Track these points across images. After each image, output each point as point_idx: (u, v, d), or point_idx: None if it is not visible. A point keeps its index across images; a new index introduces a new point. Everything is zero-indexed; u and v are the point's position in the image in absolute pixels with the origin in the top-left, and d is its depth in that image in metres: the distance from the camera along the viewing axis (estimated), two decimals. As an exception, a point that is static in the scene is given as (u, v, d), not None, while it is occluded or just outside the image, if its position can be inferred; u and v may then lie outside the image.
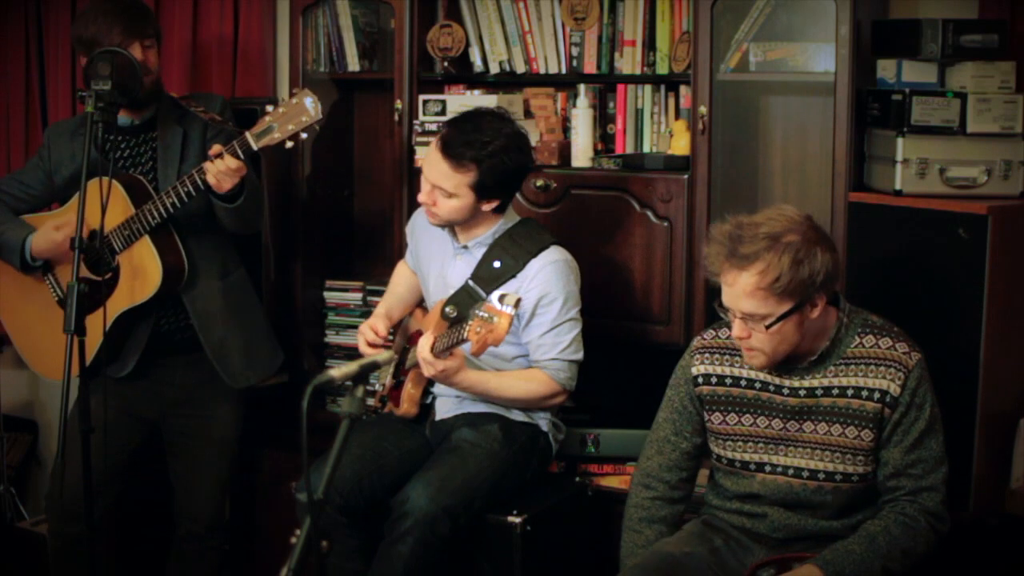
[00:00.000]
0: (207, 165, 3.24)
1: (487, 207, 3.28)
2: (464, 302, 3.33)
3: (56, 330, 3.14)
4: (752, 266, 2.68)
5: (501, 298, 2.98)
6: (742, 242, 2.69)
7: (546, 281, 3.28)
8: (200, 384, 3.57)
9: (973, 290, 3.06)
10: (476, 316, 3.01)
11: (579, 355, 3.32)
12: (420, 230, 3.54)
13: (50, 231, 3.45)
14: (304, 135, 3.23)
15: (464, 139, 3.19)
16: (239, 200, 3.34)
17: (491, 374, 3.27)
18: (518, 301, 2.99)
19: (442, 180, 3.22)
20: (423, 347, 3.14)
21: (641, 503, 3.05)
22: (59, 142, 3.55)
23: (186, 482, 3.66)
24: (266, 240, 4.06)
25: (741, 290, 2.70)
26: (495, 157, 3.19)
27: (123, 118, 3.49)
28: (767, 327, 2.71)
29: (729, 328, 2.95)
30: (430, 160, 3.25)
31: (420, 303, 3.63)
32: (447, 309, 3.34)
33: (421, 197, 3.30)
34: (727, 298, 2.75)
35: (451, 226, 3.35)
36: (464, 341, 3.10)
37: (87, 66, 3.20)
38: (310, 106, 3.21)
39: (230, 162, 3.22)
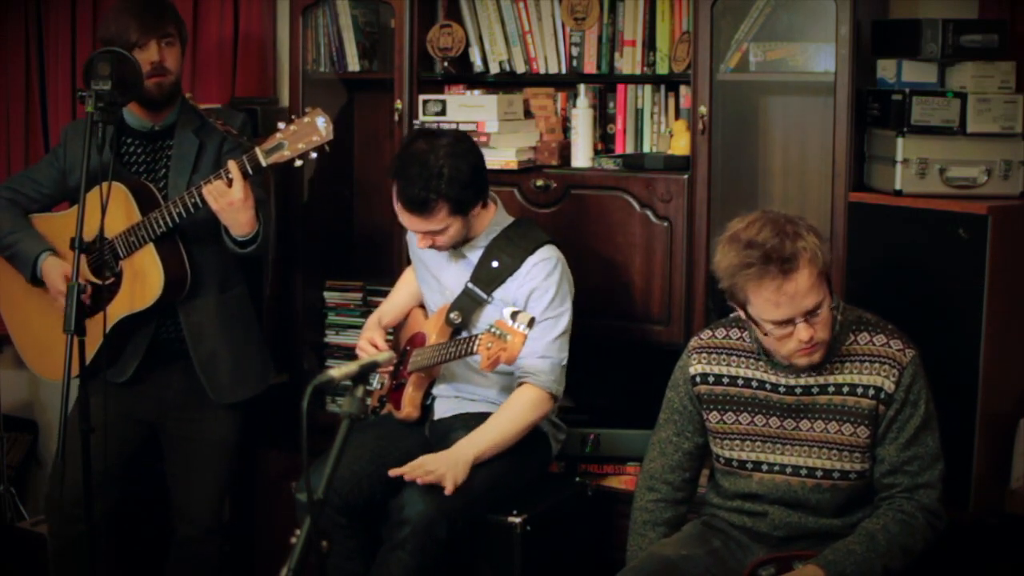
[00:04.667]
0: (208, 184, 3.25)
1: (476, 212, 3.29)
2: (467, 307, 3.33)
3: (55, 330, 3.14)
4: (800, 261, 2.66)
5: (513, 315, 2.98)
6: (779, 249, 2.66)
7: (538, 276, 3.28)
8: (199, 388, 3.55)
9: (973, 290, 3.06)
10: (487, 331, 3.03)
11: (563, 355, 3.30)
12: (412, 237, 3.54)
13: (60, 279, 3.41)
14: (314, 154, 3.25)
15: (419, 185, 3.16)
16: (250, 248, 3.38)
17: (490, 429, 3.23)
18: (531, 320, 3.00)
19: (427, 228, 3.23)
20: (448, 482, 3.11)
21: (646, 506, 3.05)
22: (76, 141, 3.53)
23: (183, 485, 3.65)
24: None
25: (801, 289, 2.67)
26: (452, 178, 3.17)
27: (143, 122, 3.50)
28: (822, 314, 2.71)
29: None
30: (405, 220, 3.25)
31: (419, 304, 3.63)
32: (452, 315, 3.34)
33: (420, 245, 3.30)
34: (785, 310, 2.69)
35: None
36: (472, 354, 3.13)
37: (86, 66, 3.20)
38: (321, 126, 3.23)
39: (233, 193, 3.23)
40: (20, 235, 3.53)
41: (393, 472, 3.14)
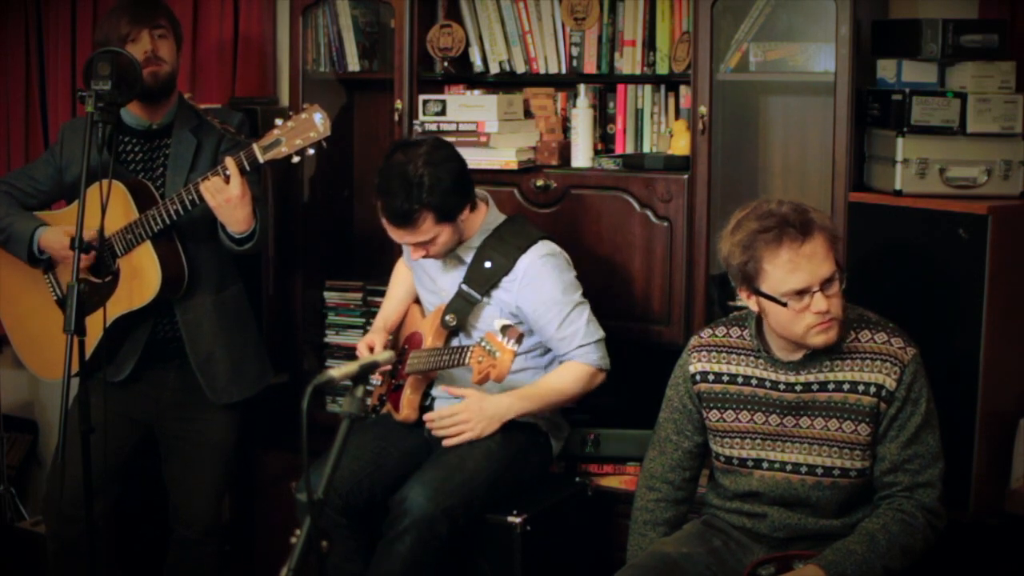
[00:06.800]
0: (205, 180, 3.25)
1: (464, 216, 3.28)
2: (462, 308, 3.33)
3: (53, 330, 3.14)
4: (815, 227, 2.73)
5: (504, 329, 3.02)
6: (795, 215, 2.73)
7: (537, 277, 3.28)
8: (195, 388, 3.55)
9: (973, 290, 3.06)
10: (478, 344, 3.05)
11: (600, 333, 3.33)
12: None
13: (60, 233, 3.44)
14: (311, 151, 3.25)
15: (400, 198, 3.17)
16: (247, 245, 3.38)
17: (536, 394, 3.30)
18: (520, 336, 3.04)
19: (415, 239, 3.24)
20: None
21: (646, 506, 3.05)
22: (73, 139, 3.54)
23: (180, 486, 3.65)
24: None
25: (819, 253, 2.72)
26: (432, 186, 3.17)
27: (140, 120, 3.50)
28: (836, 287, 2.75)
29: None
30: (393, 234, 3.27)
31: (416, 300, 3.63)
32: (447, 318, 3.34)
33: (413, 256, 3.31)
34: (803, 275, 2.72)
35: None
36: (464, 365, 3.16)
37: (87, 66, 3.20)
38: (319, 122, 3.23)
39: (231, 189, 3.23)
40: (13, 218, 3.54)
41: (427, 416, 3.26)
